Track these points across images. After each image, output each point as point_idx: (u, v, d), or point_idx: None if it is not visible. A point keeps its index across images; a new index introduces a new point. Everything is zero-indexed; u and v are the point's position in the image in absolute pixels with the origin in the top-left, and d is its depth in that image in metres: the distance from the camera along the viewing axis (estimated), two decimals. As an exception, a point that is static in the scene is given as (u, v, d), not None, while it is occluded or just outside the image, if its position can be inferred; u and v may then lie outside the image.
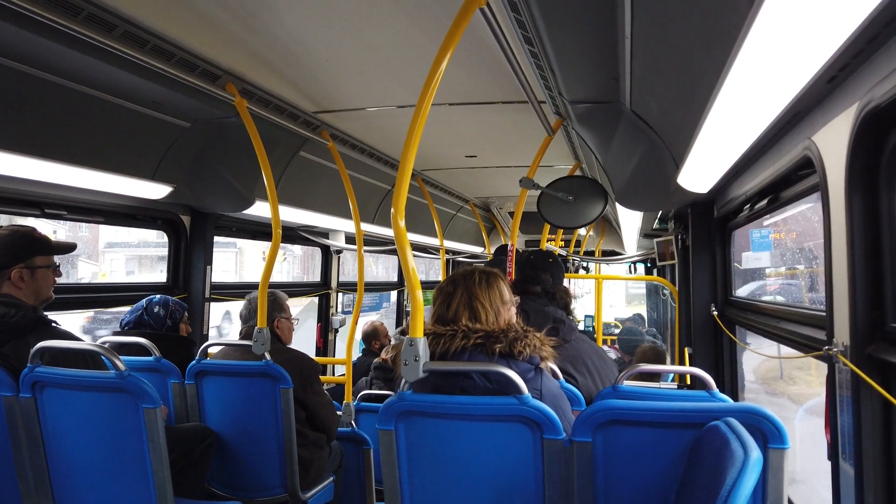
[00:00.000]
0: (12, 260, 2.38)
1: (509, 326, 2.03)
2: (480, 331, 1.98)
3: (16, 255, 2.39)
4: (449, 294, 2.11)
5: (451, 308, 2.07)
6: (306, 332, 8.42)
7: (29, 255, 2.42)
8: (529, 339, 1.99)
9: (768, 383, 6.08)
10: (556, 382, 2.08)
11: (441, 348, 1.96)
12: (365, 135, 4.20)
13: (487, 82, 3.08)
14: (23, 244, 2.42)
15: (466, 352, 1.95)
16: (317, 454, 3.22)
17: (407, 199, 1.99)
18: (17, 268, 2.38)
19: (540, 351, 2.00)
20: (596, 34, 2.04)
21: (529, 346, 1.97)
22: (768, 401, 5.73)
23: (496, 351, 1.94)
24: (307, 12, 2.31)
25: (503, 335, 1.97)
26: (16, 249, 2.40)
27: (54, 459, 2.30)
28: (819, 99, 1.67)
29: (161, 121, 3.09)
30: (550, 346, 2.06)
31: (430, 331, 2.02)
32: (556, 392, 2.01)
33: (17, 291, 2.37)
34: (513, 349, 1.95)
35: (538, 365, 1.99)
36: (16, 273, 2.38)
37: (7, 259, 2.37)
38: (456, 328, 1.99)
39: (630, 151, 3.00)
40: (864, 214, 1.54)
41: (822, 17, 1.11)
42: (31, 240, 2.45)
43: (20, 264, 2.39)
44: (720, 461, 1.39)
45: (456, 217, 7.74)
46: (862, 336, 1.55)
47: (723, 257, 3.64)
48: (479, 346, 1.96)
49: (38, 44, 2.15)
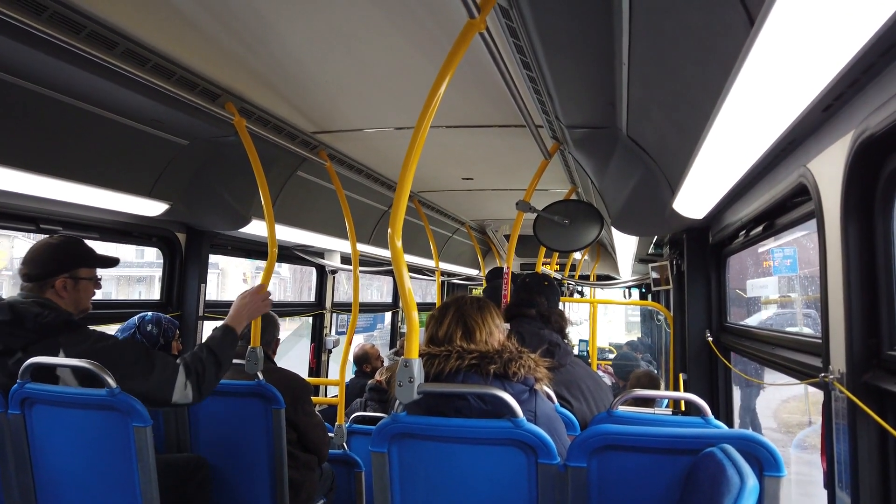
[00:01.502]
0: (58, 269, 2.40)
1: (503, 347, 2.02)
2: (475, 351, 1.97)
3: (62, 264, 2.41)
4: (441, 315, 2.12)
5: (444, 326, 2.07)
6: (299, 351, 8.38)
7: (74, 266, 2.43)
8: (524, 360, 1.98)
9: (793, 431, 5.53)
10: (550, 404, 2.07)
11: (435, 369, 1.95)
12: (362, 155, 4.22)
13: (485, 106, 3.10)
14: (70, 254, 2.45)
15: (461, 372, 1.94)
16: (308, 476, 3.18)
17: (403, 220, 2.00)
18: (62, 277, 2.40)
19: (535, 372, 1.99)
20: (593, 60, 2.07)
21: (524, 367, 1.96)
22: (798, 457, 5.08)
23: (490, 372, 1.93)
24: (308, 34, 2.33)
25: (497, 356, 1.96)
26: (63, 259, 2.42)
27: (41, 477, 2.26)
28: (814, 127, 1.68)
29: (159, 138, 3.10)
30: (545, 367, 2.05)
31: (425, 352, 2.01)
32: (551, 414, 2.00)
33: (58, 300, 2.38)
34: (507, 370, 1.94)
35: (532, 386, 1.98)
36: (60, 282, 2.39)
37: (53, 267, 2.39)
38: (450, 349, 1.98)
39: (626, 176, 3.02)
40: (859, 242, 1.55)
41: (819, 47, 1.13)
42: (79, 251, 2.49)
43: (65, 274, 2.40)
44: (716, 488, 1.38)
45: (451, 239, 7.75)
46: (858, 364, 1.55)
47: (718, 283, 3.65)
48: (473, 366, 1.95)
49: (37, 59, 2.16)
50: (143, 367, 2.30)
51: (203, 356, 2.45)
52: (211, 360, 2.45)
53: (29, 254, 2.42)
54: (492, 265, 8.72)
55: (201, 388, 2.40)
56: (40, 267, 2.39)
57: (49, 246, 2.44)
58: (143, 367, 2.30)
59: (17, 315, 2.26)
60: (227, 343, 2.56)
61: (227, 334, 2.59)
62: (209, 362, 2.44)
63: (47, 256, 2.41)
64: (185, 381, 2.36)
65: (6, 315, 2.25)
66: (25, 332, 2.25)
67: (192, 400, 2.39)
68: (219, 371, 2.48)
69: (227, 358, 2.53)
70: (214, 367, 2.46)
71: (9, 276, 14.72)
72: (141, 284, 15.34)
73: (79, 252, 2.48)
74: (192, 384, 2.38)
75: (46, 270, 2.39)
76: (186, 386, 2.36)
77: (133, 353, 2.34)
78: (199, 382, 2.39)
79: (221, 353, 2.50)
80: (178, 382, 2.35)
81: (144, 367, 2.30)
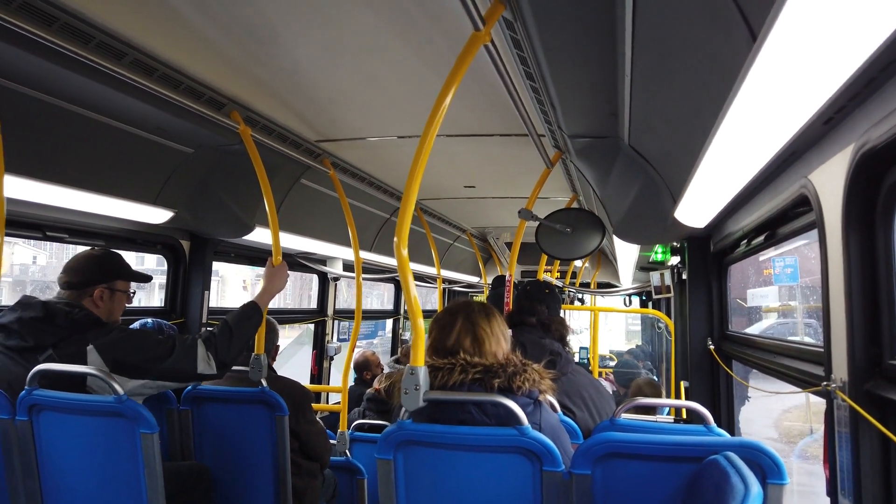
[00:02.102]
0: (98, 279, 2.53)
1: (508, 360, 1.99)
2: (479, 364, 1.95)
3: (102, 275, 2.54)
4: (448, 323, 2.08)
5: (452, 336, 2.05)
6: (300, 359, 8.38)
7: (113, 278, 2.57)
8: (528, 373, 1.96)
9: (795, 441, 5.47)
10: (555, 416, 2.07)
11: (439, 382, 1.93)
12: (365, 164, 4.24)
13: (488, 115, 3.13)
14: (110, 266, 2.59)
15: (465, 386, 1.92)
16: (310, 483, 3.19)
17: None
18: (100, 287, 2.53)
19: (539, 385, 1.97)
20: (596, 71, 2.09)
21: (528, 381, 1.94)
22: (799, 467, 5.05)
23: (495, 386, 1.90)
24: (315, 45, 2.36)
25: (502, 370, 1.93)
26: (103, 270, 2.56)
27: (48, 484, 2.27)
28: (816, 139, 1.70)
29: (165, 146, 3.12)
30: (549, 378, 2.05)
31: (428, 363, 1.98)
32: (556, 425, 2.00)
33: (94, 308, 2.50)
34: (512, 384, 1.91)
35: (537, 398, 1.98)
36: (98, 292, 2.52)
37: (94, 277, 2.52)
38: (454, 361, 1.97)
39: (628, 185, 3.04)
40: (860, 252, 1.56)
41: (820, 61, 1.15)
42: (118, 264, 2.63)
43: (104, 284, 2.54)
44: (720, 495, 1.39)
45: (453, 247, 7.77)
46: (860, 372, 1.57)
47: (719, 291, 3.66)
48: (477, 380, 1.92)
49: (46, 69, 2.18)
50: (165, 347, 2.46)
51: (217, 330, 2.62)
52: (225, 333, 2.61)
53: (71, 263, 2.55)
54: (493, 273, 8.74)
55: (219, 359, 2.56)
56: (81, 275, 2.51)
57: (91, 257, 2.58)
58: (166, 347, 2.46)
59: (49, 312, 2.36)
60: (243, 318, 2.72)
61: (246, 310, 2.76)
62: (223, 334, 2.60)
63: (89, 266, 2.54)
64: (206, 352, 2.53)
65: (38, 312, 2.35)
66: (56, 329, 2.35)
67: (215, 371, 2.55)
68: (231, 342, 2.61)
69: (241, 331, 2.67)
70: (228, 339, 2.60)
71: (9, 283, 14.76)
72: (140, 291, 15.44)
73: (118, 265, 2.63)
74: (213, 356, 2.54)
75: (87, 279, 2.51)
76: (208, 357, 2.53)
77: (153, 336, 2.52)
78: (217, 354, 2.55)
79: (235, 326, 2.65)
80: (200, 354, 2.51)
81: (167, 347, 2.47)
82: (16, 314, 2.37)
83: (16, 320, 2.35)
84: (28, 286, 15.35)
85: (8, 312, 2.40)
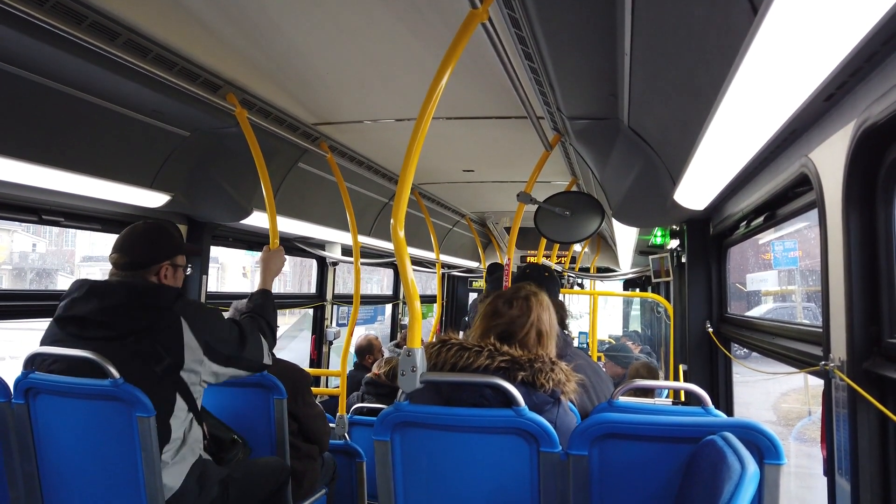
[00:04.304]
0: (164, 255, 2.43)
1: (537, 356, 1.97)
2: (507, 354, 1.93)
3: (168, 250, 2.44)
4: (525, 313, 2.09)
5: (523, 329, 2.06)
6: (299, 344, 8.38)
7: (176, 252, 2.48)
8: (555, 372, 1.94)
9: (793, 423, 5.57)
10: (573, 417, 2.03)
11: (464, 362, 1.93)
12: (363, 147, 4.22)
13: (486, 97, 3.10)
14: (172, 241, 2.48)
15: (489, 371, 1.91)
16: (310, 466, 3.20)
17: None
18: (165, 264, 2.43)
19: (564, 386, 1.96)
20: (596, 51, 2.07)
21: (553, 381, 1.93)
22: (797, 449, 5.14)
23: (518, 378, 1.90)
24: (310, 25, 2.33)
25: (529, 364, 1.93)
26: (168, 245, 2.45)
27: (45, 467, 2.27)
28: (816, 117, 1.69)
29: (161, 129, 3.10)
30: (577, 382, 2.01)
31: (457, 342, 1.98)
32: (572, 426, 1.95)
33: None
34: (535, 380, 1.91)
35: (558, 398, 1.96)
36: (164, 269, 2.42)
37: (161, 253, 2.42)
38: (483, 345, 1.95)
39: (627, 168, 3.03)
40: (860, 230, 1.55)
41: (821, 35, 1.13)
42: (178, 238, 2.54)
43: (168, 261, 2.44)
44: (717, 475, 1.39)
45: (452, 231, 7.76)
46: (859, 351, 1.56)
47: (718, 274, 3.65)
48: (502, 369, 1.92)
49: (39, 50, 2.16)
50: (237, 335, 2.45)
51: (262, 325, 2.61)
52: (263, 323, 2.62)
53: (128, 241, 2.40)
54: (492, 257, 8.73)
55: (272, 350, 2.62)
56: (146, 253, 2.39)
57: (152, 232, 2.45)
58: (237, 335, 2.45)
59: (134, 294, 2.26)
60: (271, 307, 2.74)
61: (268, 298, 2.77)
62: (265, 325, 2.62)
63: (152, 242, 2.43)
64: (266, 344, 2.58)
65: (122, 297, 2.24)
66: (146, 312, 2.25)
67: (270, 362, 2.61)
68: (272, 331, 2.67)
69: (272, 318, 2.70)
70: (270, 328, 2.65)
71: (8, 270, 14.76)
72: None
73: (178, 239, 2.54)
74: (269, 346, 2.59)
75: (153, 256, 2.40)
76: (268, 349, 2.58)
77: (232, 327, 2.47)
78: (270, 347, 2.60)
79: (267, 315, 2.68)
80: (265, 347, 2.56)
81: (241, 340, 2.46)
82: (92, 304, 2.23)
83: (98, 310, 2.22)
84: (28, 273, 15.34)
85: (78, 302, 2.25)
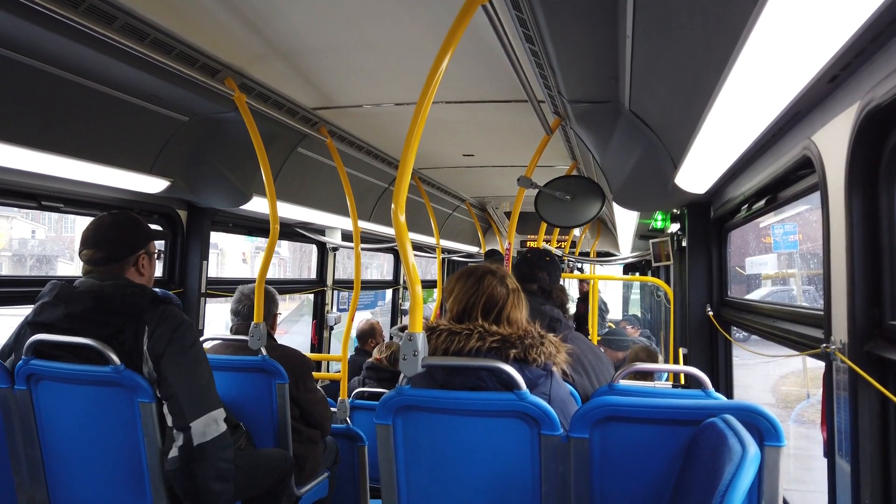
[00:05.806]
0: (140, 244, 2.31)
1: (526, 332, 2.00)
2: (497, 334, 1.96)
3: (142, 238, 2.33)
4: (469, 286, 2.09)
5: (471, 299, 2.06)
6: (300, 327, 8.41)
7: (149, 240, 2.36)
8: (546, 346, 1.98)
9: (792, 406, 5.60)
10: (566, 387, 2.07)
11: (455, 346, 1.95)
12: (362, 132, 4.20)
13: (487, 81, 3.08)
14: (143, 230, 2.35)
15: (481, 353, 1.94)
16: (311, 450, 3.22)
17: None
18: (141, 253, 2.32)
19: (554, 357, 1.99)
20: (597, 33, 2.05)
21: (544, 354, 1.96)
22: (796, 431, 5.23)
23: (511, 356, 1.93)
24: (308, 8, 2.31)
25: (519, 341, 1.96)
26: (142, 235, 2.33)
27: (49, 452, 2.28)
28: (820, 98, 1.68)
29: (159, 114, 3.08)
30: (566, 351, 2.05)
31: (445, 327, 2.00)
32: (565, 397, 2.01)
33: (138, 278, 2.31)
34: (528, 355, 1.94)
35: (550, 369, 1.98)
36: (141, 259, 2.32)
37: (138, 243, 2.30)
38: (472, 327, 1.97)
39: (628, 151, 3.01)
40: (863, 213, 1.55)
41: (825, 16, 1.12)
42: (146, 226, 2.38)
43: (143, 250, 2.33)
44: (718, 457, 1.40)
45: (452, 216, 7.74)
46: (860, 333, 1.56)
47: (719, 258, 3.65)
48: (494, 349, 1.94)
49: (36, 34, 2.14)
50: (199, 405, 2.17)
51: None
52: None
53: (101, 234, 2.26)
54: (492, 242, 8.73)
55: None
56: (122, 245, 2.27)
57: (121, 223, 2.30)
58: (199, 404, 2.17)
59: (101, 299, 2.14)
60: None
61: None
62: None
63: (125, 234, 2.29)
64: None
65: (89, 302, 2.13)
66: (114, 318, 2.13)
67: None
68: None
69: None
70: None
71: (8, 257, 14.75)
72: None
73: (147, 226, 2.39)
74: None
75: (130, 248, 2.28)
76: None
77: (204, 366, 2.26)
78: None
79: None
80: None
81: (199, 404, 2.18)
82: (60, 310, 2.14)
83: (64, 317, 2.13)
84: (28, 260, 15.33)
85: (47, 308, 2.17)
